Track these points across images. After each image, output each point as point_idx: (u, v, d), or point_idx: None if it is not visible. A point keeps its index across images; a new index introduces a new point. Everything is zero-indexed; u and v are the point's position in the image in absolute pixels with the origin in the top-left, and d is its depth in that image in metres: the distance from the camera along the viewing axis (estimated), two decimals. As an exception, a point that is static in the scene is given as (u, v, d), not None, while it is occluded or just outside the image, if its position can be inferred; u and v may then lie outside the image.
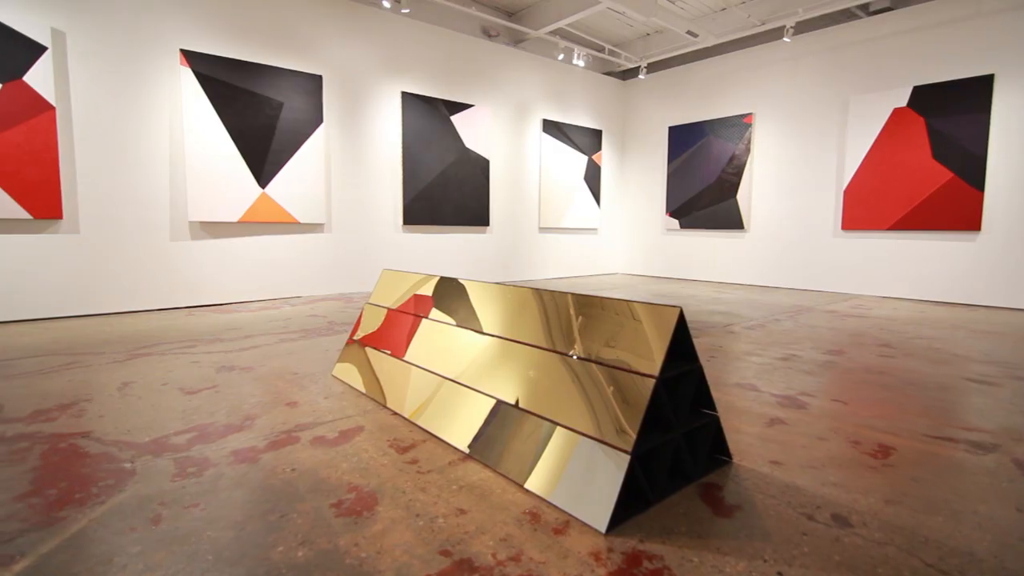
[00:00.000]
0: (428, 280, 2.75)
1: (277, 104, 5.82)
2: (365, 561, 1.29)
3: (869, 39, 6.76)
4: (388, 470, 1.78)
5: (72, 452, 1.92)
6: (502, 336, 2.13)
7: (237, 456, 1.88)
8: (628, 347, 1.65)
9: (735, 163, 8.10)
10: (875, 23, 6.71)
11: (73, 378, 2.87)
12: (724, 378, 2.96)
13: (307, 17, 6.09)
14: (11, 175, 4.45)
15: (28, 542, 1.36)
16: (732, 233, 8.28)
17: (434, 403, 2.22)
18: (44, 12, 4.59)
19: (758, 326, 4.60)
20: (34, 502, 1.56)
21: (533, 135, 8.45)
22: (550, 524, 1.46)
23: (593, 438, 1.58)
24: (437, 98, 7.17)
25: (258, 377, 2.89)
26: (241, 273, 5.80)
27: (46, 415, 2.30)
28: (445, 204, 7.36)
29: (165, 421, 2.23)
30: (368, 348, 2.83)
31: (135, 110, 5.08)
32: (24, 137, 4.50)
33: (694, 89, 8.70)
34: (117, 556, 1.31)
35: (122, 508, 1.53)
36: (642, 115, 9.57)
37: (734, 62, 8.15)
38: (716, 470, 1.80)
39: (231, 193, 5.57)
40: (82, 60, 4.78)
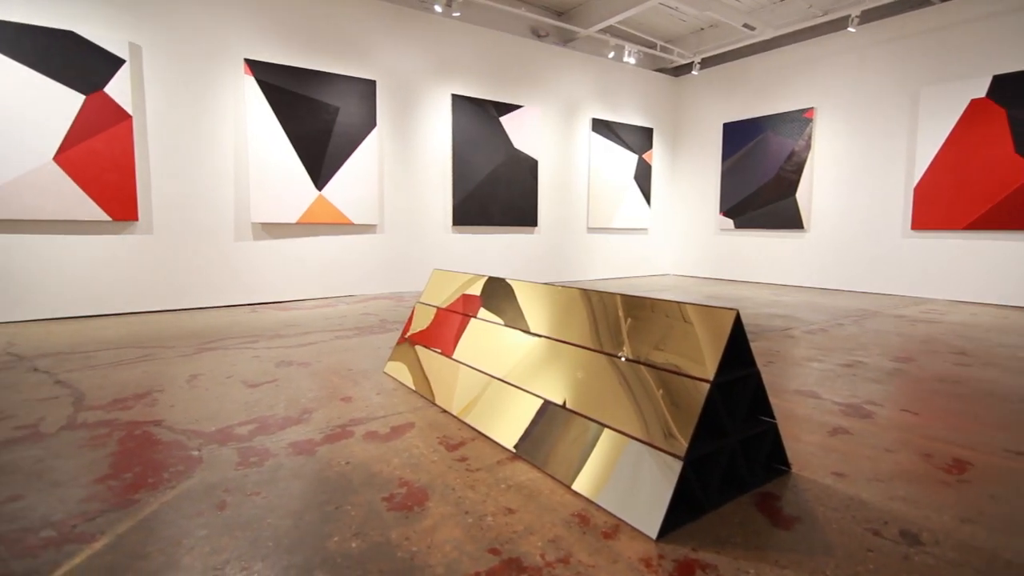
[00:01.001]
0: (476, 280, 2.78)
1: (333, 109, 6.02)
2: (416, 555, 1.32)
3: (942, 27, 6.34)
4: (438, 467, 1.81)
5: (146, 439, 2.05)
6: (549, 336, 2.13)
7: (295, 448, 1.96)
8: (679, 350, 1.61)
9: (794, 160, 7.77)
10: (949, 9, 6.29)
11: (147, 370, 3.06)
12: (783, 384, 2.85)
13: (362, 24, 6.27)
14: (93, 180, 4.80)
15: (107, 521, 1.46)
16: (790, 233, 7.95)
17: (482, 401, 2.23)
18: (122, 27, 4.93)
19: (819, 330, 4.39)
20: (112, 484, 1.68)
21: (582, 134, 8.38)
22: (599, 527, 1.45)
23: (642, 441, 1.55)
24: (486, 100, 7.23)
25: (315, 372, 3.00)
26: (299, 272, 6.03)
27: (123, 404, 2.46)
28: (493, 205, 7.41)
29: (229, 412, 2.34)
30: (418, 346, 2.89)
31: (203, 118, 5.37)
32: (105, 145, 4.83)
33: (751, 84, 8.40)
34: (186, 539, 1.38)
35: (190, 493, 1.62)
36: (695, 112, 9.33)
37: (794, 55, 7.82)
38: (774, 480, 1.73)
39: (290, 195, 5.80)
40: (156, 72, 5.10)
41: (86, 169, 4.76)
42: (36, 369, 3.07)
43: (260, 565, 1.27)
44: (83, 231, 4.87)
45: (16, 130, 4.47)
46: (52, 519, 1.47)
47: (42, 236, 4.70)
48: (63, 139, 4.65)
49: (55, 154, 4.63)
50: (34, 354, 3.44)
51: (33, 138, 4.54)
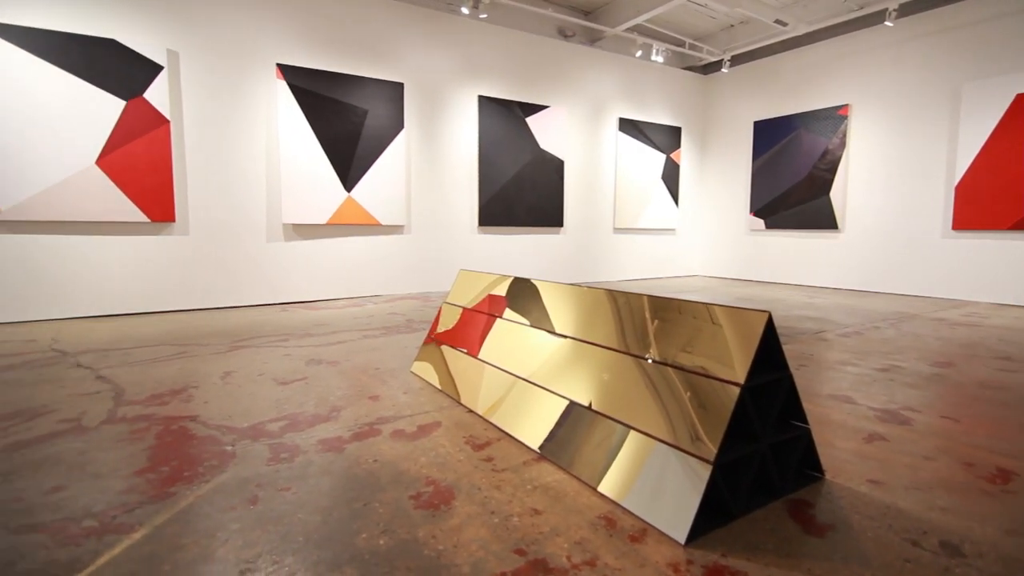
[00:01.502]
0: (502, 280, 2.78)
1: (362, 112, 6.11)
2: (443, 554, 1.32)
3: (985, 19, 6.10)
4: (464, 466, 1.82)
5: (182, 434, 2.11)
6: (575, 337, 2.12)
7: (324, 445, 1.99)
8: (707, 352, 1.59)
9: (828, 158, 7.58)
10: (991, 1, 6.05)
11: (183, 366, 3.15)
12: (816, 388, 2.78)
13: (390, 28, 6.35)
14: (133, 183, 4.97)
15: (145, 513, 1.51)
16: (824, 233, 7.75)
17: (507, 402, 2.24)
18: (161, 34, 5.09)
19: (854, 333, 4.27)
20: (150, 477, 1.73)
21: (609, 134, 8.33)
22: (626, 531, 1.43)
23: (669, 444, 1.53)
24: (513, 100, 7.24)
25: (343, 371, 3.05)
26: (328, 272, 6.14)
27: (160, 399, 2.54)
28: (519, 205, 7.41)
29: (261, 409, 2.40)
30: (444, 346, 2.90)
31: (236, 121, 5.51)
32: (144, 148, 5.00)
33: (782, 81, 8.23)
34: (220, 531, 1.42)
35: (224, 487, 1.66)
36: (725, 110, 9.18)
37: (828, 51, 7.63)
38: (806, 486, 1.69)
39: (320, 197, 5.91)
40: (192, 77, 5.25)
41: (126, 172, 4.93)
42: (79, 365, 3.19)
43: (291, 559, 1.30)
44: (123, 232, 5.05)
45: (61, 135, 4.66)
46: (93, 510, 1.53)
47: (85, 237, 4.88)
48: (105, 143, 4.83)
49: (97, 158, 4.80)
50: (77, 350, 3.58)
51: (77, 143, 4.72)
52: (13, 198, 4.52)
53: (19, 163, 4.52)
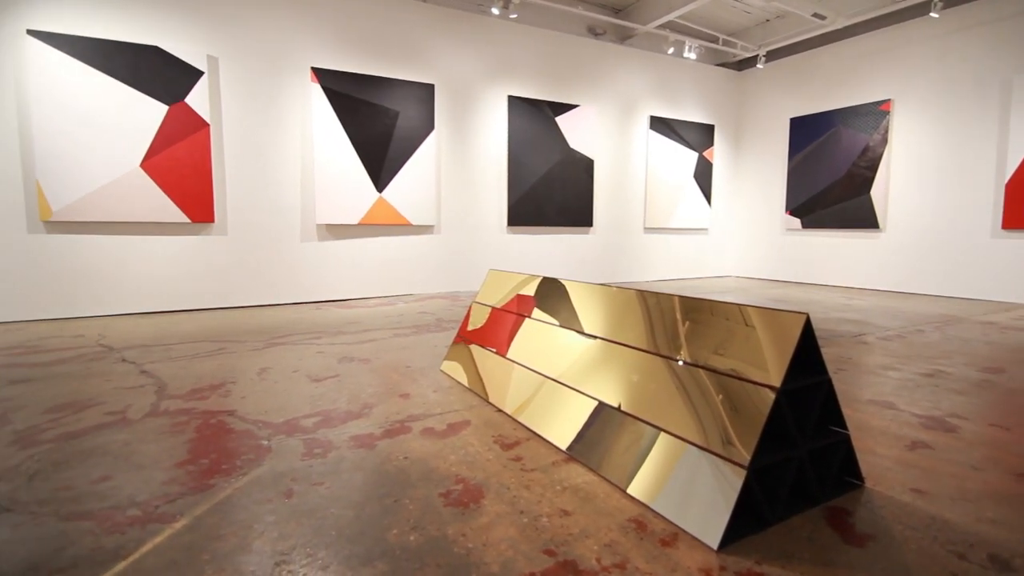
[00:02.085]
0: (531, 280, 2.78)
1: (394, 113, 6.19)
2: (472, 552, 1.33)
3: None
4: (493, 465, 1.82)
5: (220, 427, 2.17)
6: (604, 338, 2.10)
7: (356, 441, 2.03)
8: (740, 355, 1.56)
9: (869, 155, 7.33)
10: (1052, -12, 5.76)
11: (221, 362, 3.25)
12: (855, 393, 2.69)
13: (421, 30, 6.41)
14: (175, 185, 5.14)
15: (186, 504, 1.56)
16: (864, 233, 7.50)
17: (536, 401, 2.23)
18: (201, 41, 5.25)
19: (896, 337, 4.12)
20: (191, 469, 1.79)
21: (639, 133, 8.23)
22: (657, 534, 1.41)
23: (700, 447, 1.51)
24: (542, 100, 7.23)
25: (374, 369, 3.09)
26: (360, 271, 6.24)
27: (200, 394, 2.63)
28: (549, 205, 7.40)
29: (296, 405, 2.45)
30: (473, 345, 2.92)
31: (273, 124, 5.65)
32: (185, 152, 5.17)
33: (821, 76, 7.99)
34: (256, 523, 1.46)
35: (260, 480, 1.71)
36: (760, 107, 8.98)
37: (869, 44, 7.38)
38: (845, 494, 1.64)
39: (352, 198, 6.02)
40: (231, 82, 5.41)
41: (168, 174, 5.11)
42: (124, 360, 3.32)
43: (324, 553, 1.32)
44: (165, 232, 5.23)
45: (108, 139, 4.86)
46: (137, 499, 1.59)
47: (130, 237, 5.08)
48: (149, 147, 5.01)
49: (142, 161, 4.99)
50: (122, 346, 3.73)
51: (123, 146, 4.92)
52: (64, 200, 4.74)
53: (69, 166, 4.74)
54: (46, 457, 1.89)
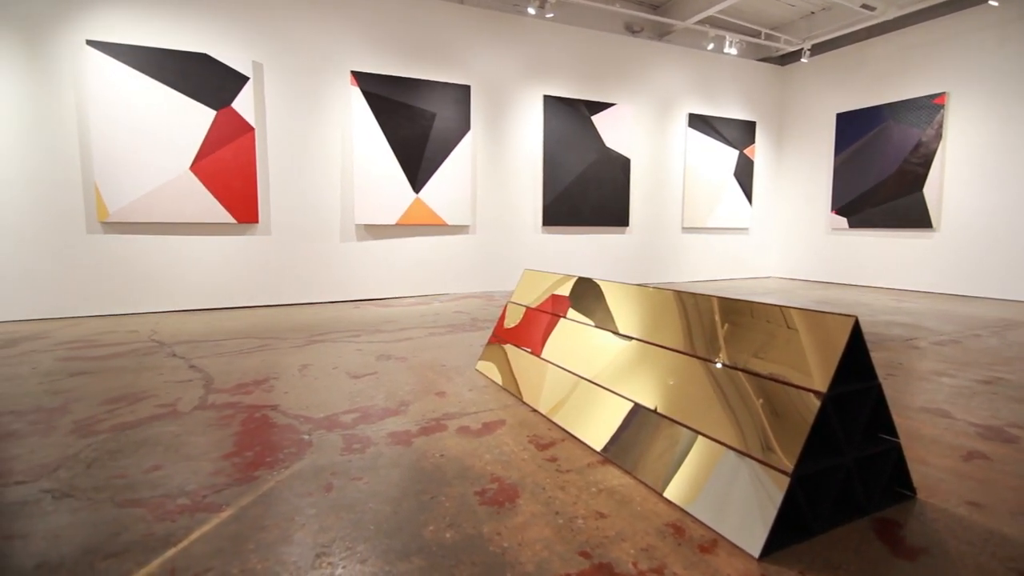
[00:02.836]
0: (566, 280, 2.77)
1: (431, 115, 6.26)
2: (507, 551, 1.33)
3: (1118, -9, 5.44)
4: (528, 465, 1.82)
5: (264, 421, 2.24)
6: (640, 339, 2.07)
7: (393, 438, 2.06)
8: (782, 359, 1.51)
9: (921, 151, 7.01)
10: None
11: (265, 359, 3.35)
12: (906, 400, 2.58)
13: (458, 32, 6.46)
14: (222, 187, 5.34)
15: (232, 495, 1.62)
16: (916, 232, 7.17)
17: (570, 402, 2.22)
18: (246, 47, 5.44)
19: (951, 342, 3.93)
20: (236, 461, 1.85)
21: (677, 131, 8.09)
22: (695, 540, 1.39)
23: (739, 451, 1.47)
24: (578, 99, 7.19)
25: (411, 367, 3.14)
26: (397, 271, 6.34)
27: (245, 388, 2.72)
28: (584, 205, 7.35)
29: (335, 401, 2.51)
30: (508, 345, 2.93)
31: (314, 127, 5.80)
32: (232, 155, 5.36)
33: (869, 70, 7.68)
34: (297, 516, 1.50)
35: (302, 474, 1.75)
36: (804, 103, 8.69)
37: (921, 35, 7.05)
38: (896, 505, 1.57)
39: (390, 198, 6.12)
40: (275, 86, 5.58)
41: (216, 177, 5.31)
42: (174, 355, 3.47)
43: (362, 547, 1.35)
44: (213, 232, 5.43)
45: (160, 144, 5.07)
46: (187, 488, 1.66)
47: (180, 237, 5.30)
48: (198, 151, 5.22)
49: (191, 164, 5.20)
50: (172, 341, 3.89)
51: (174, 150, 5.13)
52: (119, 202, 4.98)
53: (125, 170, 4.97)
54: (102, 446, 1.98)
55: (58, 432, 2.13)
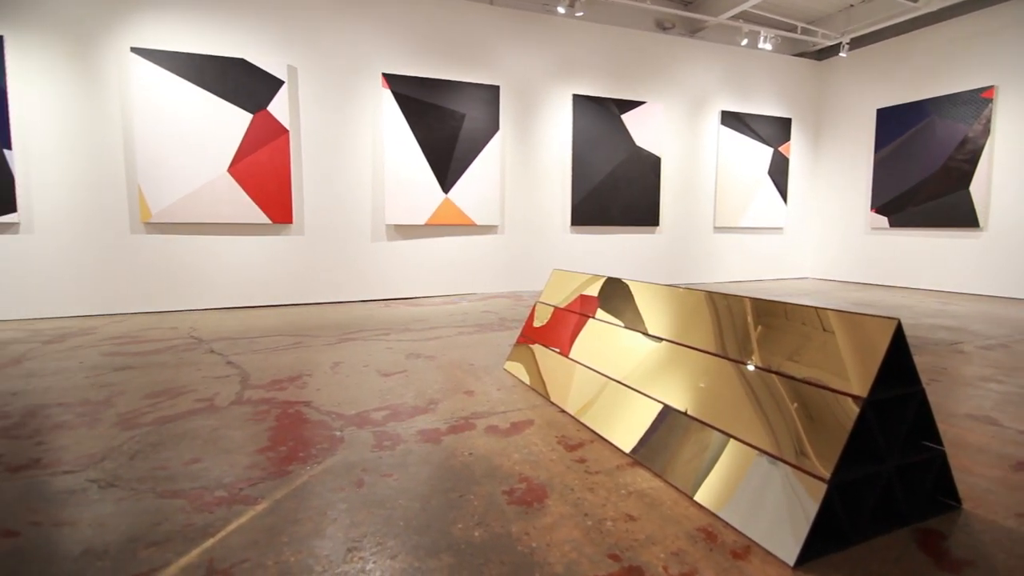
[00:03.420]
0: (595, 280, 2.75)
1: (460, 116, 6.30)
2: (535, 551, 1.33)
3: None
4: (557, 466, 1.82)
5: (297, 417, 2.29)
6: (670, 340, 2.04)
7: (423, 436, 2.08)
8: (817, 362, 1.47)
9: (968, 147, 6.72)
10: None
11: (298, 356, 3.43)
12: (950, 407, 2.48)
13: (487, 32, 6.49)
14: (257, 188, 5.48)
15: (266, 488, 1.66)
16: (962, 232, 6.89)
17: (599, 403, 2.21)
18: (282, 52, 5.56)
19: (999, 346, 3.76)
20: (270, 455, 1.90)
21: (710, 128, 7.95)
22: (728, 546, 1.36)
23: (773, 456, 1.44)
24: (608, 98, 7.13)
25: (440, 366, 3.16)
26: (426, 271, 6.40)
27: (279, 385, 2.78)
28: (613, 204, 7.29)
29: (366, 398, 2.55)
30: (536, 344, 2.92)
31: (346, 129, 5.90)
32: (267, 157, 5.50)
33: (912, 64, 7.41)
34: (330, 510, 1.53)
35: (334, 469, 1.79)
36: (842, 98, 8.44)
37: (967, 27, 6.76)
38: (939, 515, 1.51)
39: (419, 199, 6.18)
40: (308, 89, 5.70)
41: (252, 178, 5.45)
42: (212, 351, 3.58)
43: (393, 542, 1.37)
44: (249, 232, 5.58)
45: (199, 146, 5.24)
46: (224, 481, 1.70)
47: (217, 237, 5.46)
48: (235, 153, 5.37)
49: (229, 166, 5.35)
50: (211, 338, 4.01)
51: (212, 153, 5.29)
52: (161, 203, 5.16)
53: (166, 172, 5.15)
54: (145, 439, 2.06)
55: (103, 424, 2.22)
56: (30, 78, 4.79)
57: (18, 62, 4.74)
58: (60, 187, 4.94)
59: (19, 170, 4.79)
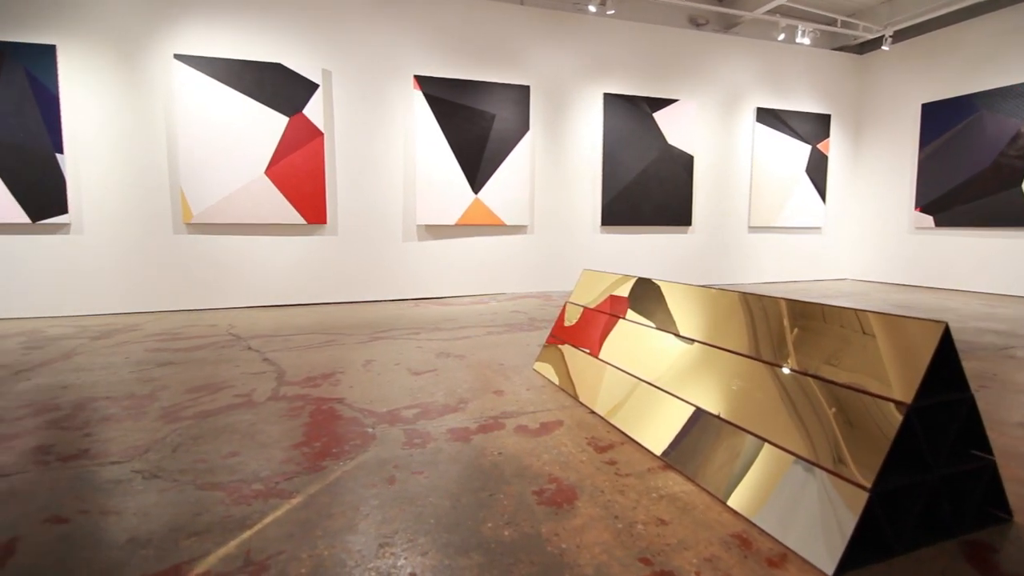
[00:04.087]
0: (625, 281, 2.73)
1: (490, 116, 6.33)
2: (565, 552, 1.33)
3: None
4: (587, 467, 1.81)
5: (331, 414, 2.34)
6: (702, 341, 2.01)
7: (453, 434, 2.10)
8: (857, 366, 1.42)
9: (1020, 143, 6.40)
10: None
11: (332, 353, 3.49)
12: (1000, 415, 2.36)
13: (517, 33, 6.49)
14: (293, 189, 5.61)
15: (301, 483, 1.70)
16: (1012, 232, 6.56)
17: (629, 404, 2.18)
18: (317, 56, 5.68)
19: (1053, 351, 3.57)
20: (305, 451, 1.94)
21: (744, 126, 7.78)
22: (763, 553, 1.33)
23: (810, 462, 1.40)
24: (639, 96, 7.05)
25: (469, 365, 3.18)
26: (455, 270, 6.45)
27: (313, 382, 2.84)
28: (645, 203, 7.20)
29: (397, 396, 2.58)
30: (565, 345, 2.91)
31: (379, 131, 5.99)
32: (303, 159, 5.62)
33: (959, 56, 7.10)
34: (362, 506, 1.55)
35: (366, 465, 1.81)
36: (885, 93, 8.14)
37: (1018, 17, 6.44)
38: (989, 527, 1.44)
39: (450, 199, 6.23)
40: (342, 92, 5.80)
41: (288, 180, 5.58)
42: (249, 348, 3.68)
43: (423, 539, 1.38)
44: (284, 233, 5.72)
45: (238, 149, 5.39)
46: (261, 475, 1.75)
47: (254, 237, 5.61)
48: (272, 155, 5.51)
49: (266, 168, 5.49)
50: (248, 335, 4.12)
51: (251, 156, 5.44)
52: (202, 204, 5.33)
53: (207, 174, 5.32)
54: (186, 432, 2.13)
55: (148, 417, 2.31)
56: (80, 85, 5.01)
57: (69, 70, 4.97)
58: (107, 189, 5.15)
59: (70, 173, 5.02)
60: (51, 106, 4.90)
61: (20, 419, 2.29)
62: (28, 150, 4.88)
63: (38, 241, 5.02)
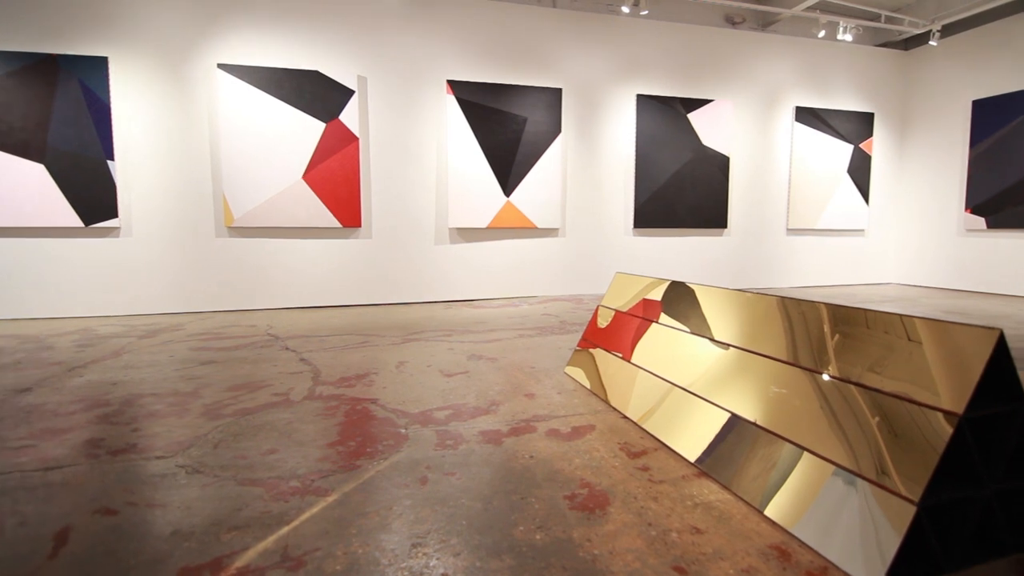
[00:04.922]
0: (658, 284, 2.69)
1: (522, 119, 6.34)
2: (597, 559, 1.32)
3: None
4: (619, 473, 1.79)
5: (365, 414, 2.38)
6: (738, 347, 1.96)
7: (484, 436, 2.10)
8: (902, 374, 1.37)
9: (1082, 140, 6.06)
10: None
11: (366, 354, 3.55)
12: (1059, 426, 2.23)
13: (550, 35, 6.49)
14: (329, 193, 5.73)
15: (336, 481, 1.73)
16: (1073, 234, 6.21)
17: (662, 409, 2.15)
18: (352, 63, 5.81)
19: (1119, 361, 3.36)
20: (340, 450, 1.98)
21: (783, 125, 7.59)
22: (803, 566, 1.29)
23: (852, 472, 1.35)
24: (673, 97, 6.96)
25: (501, 367, 3.19)
26: (487, 273, 6.48)
27: (348, 382, 2.90)
28: (679, 205, 7.10)
29: (429, 397, 2.61)
30: (597, 348, 2.89)
31: (412, 135, 6.07)
32: (338, 163, 5.74)
33: (1013, 50, 6.76)
34: (395, 505, 1.57)
35: (399, 465, 1.84)
36: (932, 90, 7.82)
37: (1085, 6, 6.10)
38: (1048, 545, 1.37)
39: (482, 202, 6.27)
40: (377, 98, 5.91)
41: (324, 184, 5.72)
42: (287, 348, 3.77)
43: (455, 540, 1.39)
44: (321, 236, 5.85)
45: (278, 155, 5.55)
46: (298, 472, 1.79)
47: (292, 240, 5.76)
48: (309, 160, 5.65)
49: (303, 173, 5.64)
50: (286, 335, 4.23)
51: (289, 161, 5.59)
52: (243, 208, 5.50)
53: (248, 179, 5.49)
54: (227, 429, 2.20)
55: (191, 414, 2.39)
56: (130, 95, 5.25)
57: (120, 81, 5.20)
58: (154, 195, 5.37)
59: (120, 179, 5.26)
60: (103, 115, 5.14)
61: (73, 414, 2.41)
62: (82, 158, 5.13)
63: (90, 244, 5.27)
